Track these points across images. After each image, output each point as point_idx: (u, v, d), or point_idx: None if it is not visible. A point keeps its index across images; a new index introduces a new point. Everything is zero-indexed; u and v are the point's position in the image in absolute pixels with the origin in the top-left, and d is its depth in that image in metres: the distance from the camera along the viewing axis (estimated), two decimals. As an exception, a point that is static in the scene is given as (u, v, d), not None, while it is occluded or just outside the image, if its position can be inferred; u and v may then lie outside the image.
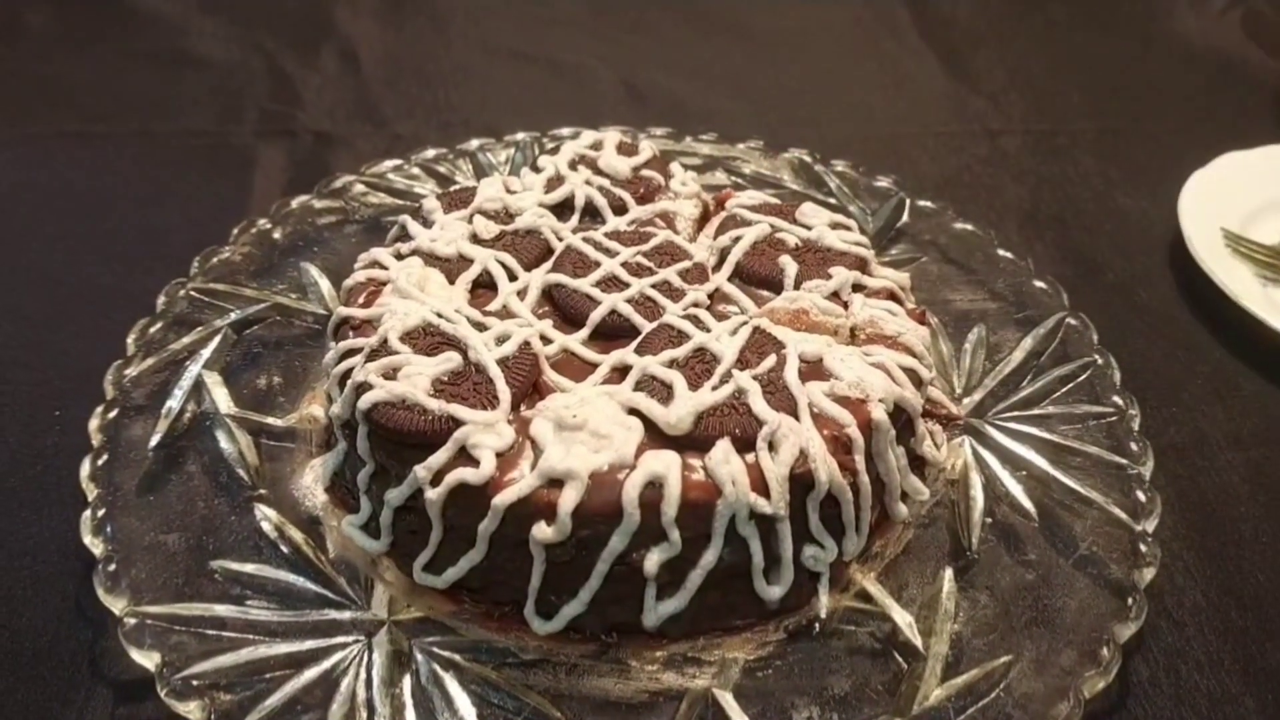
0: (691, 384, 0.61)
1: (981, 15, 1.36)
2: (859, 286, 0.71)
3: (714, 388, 0.61)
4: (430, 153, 0.96)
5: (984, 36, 1.31)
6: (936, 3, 1.37)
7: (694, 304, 0.69)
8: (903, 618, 0.61)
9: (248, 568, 0.62)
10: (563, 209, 0.78)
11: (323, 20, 1.26)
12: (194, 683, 0.56)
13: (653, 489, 0.56)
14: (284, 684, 0.56)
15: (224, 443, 0.69)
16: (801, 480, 0.58)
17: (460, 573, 0.60)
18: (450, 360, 0.62)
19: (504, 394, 0.60)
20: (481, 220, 0.75)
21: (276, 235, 0.86)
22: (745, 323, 0.66)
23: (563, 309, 0.69)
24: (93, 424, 0.69)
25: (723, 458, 0.57)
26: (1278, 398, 0.83)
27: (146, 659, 0.57)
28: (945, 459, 0.70)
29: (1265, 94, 1.22)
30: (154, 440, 0.69)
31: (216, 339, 0.76)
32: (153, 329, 0.76)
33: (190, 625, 0.58)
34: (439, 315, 0.65)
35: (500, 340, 0.64)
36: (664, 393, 0.61)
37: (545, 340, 0.66)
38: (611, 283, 0.70)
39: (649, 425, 0.59)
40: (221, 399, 0.72)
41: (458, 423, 0.58)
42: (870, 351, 0.65)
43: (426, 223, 0.75)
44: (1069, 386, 0.76)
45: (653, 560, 0.57)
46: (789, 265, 0.72)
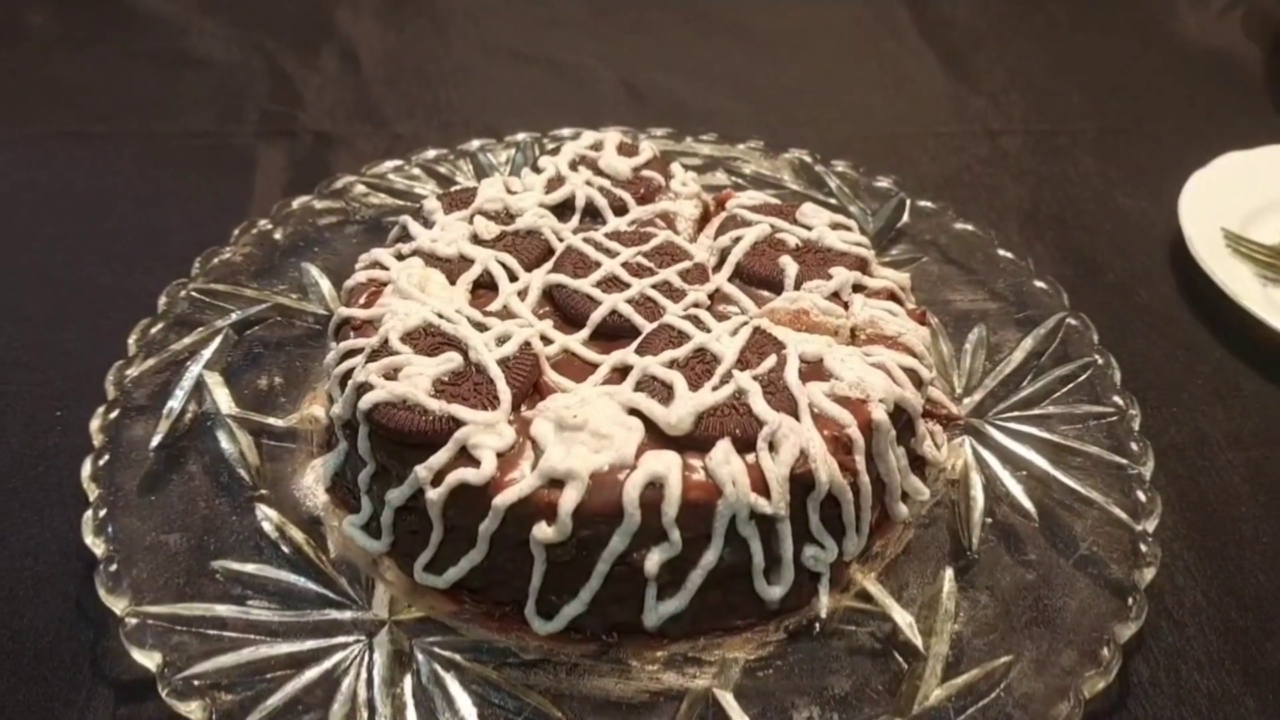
0: (692, 384, 0.61)
1: (981, 15, 1.36)
2: (859, 287, 0.71)
3: (714, 388, 0.61)
4: (431, 153, 0.96)
5: (984, 36, 1.31)
6: (936, 3, 1.37)
7: (694, 304, 0.69)
8: (903, 618, 0.61)
9: (249, 568, 0.62)
10: (563, 209, 0.78)
11: (323, 21, 1.26)
12: (195, 683, 0.56)
13: (653, 489, 0.56)
14: (285, 684, 0.56)
15: (225, 443, 0.69)
16: (802, 480, 0.58)
17: (461, 573, 0.60)
18: (451, 360, 0.62)
19: (504, 394, 0.60)
20: (482, 221, 0.75)
21: (277, 236, 0.86)
22: (745, 323, 0.66)
23: (563, 309, 0.69)
24: (94, 424, 0.69)
25: (723, 458, 0.57)
26: (1278, 398, 0.83)
27: (148, 659, 0.57)
28: (945, 459, 0.70)
29: (1266, 94, 1.22)
30: (155, 440, 0.69)
31: (217, 339, 0.76)
32: (154, 329, 0.76)
33: (191, 625, 0.58)
34: (440, 316, 0.65)
35: (501, 340, 0.64)
36: (664, 393, 0.61)
37: (546, 340, 0.66)
38: (612, 283, 0.70)
39: (649, 425, 0.59)
40: (222, 399, 0.72)
41: (458, 423, 0.59)
42: (870, 352, 0.65)
43: (427, 223, 0.75)
44: (1069, 386, 0.76)
45: (653, 560, 0.57)
46: (789, 265, 0.72)
